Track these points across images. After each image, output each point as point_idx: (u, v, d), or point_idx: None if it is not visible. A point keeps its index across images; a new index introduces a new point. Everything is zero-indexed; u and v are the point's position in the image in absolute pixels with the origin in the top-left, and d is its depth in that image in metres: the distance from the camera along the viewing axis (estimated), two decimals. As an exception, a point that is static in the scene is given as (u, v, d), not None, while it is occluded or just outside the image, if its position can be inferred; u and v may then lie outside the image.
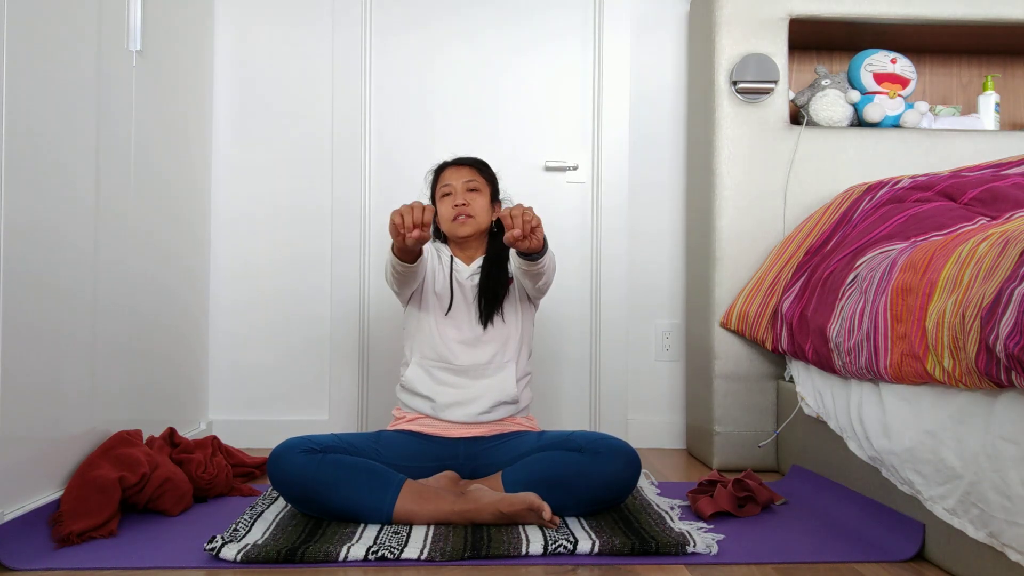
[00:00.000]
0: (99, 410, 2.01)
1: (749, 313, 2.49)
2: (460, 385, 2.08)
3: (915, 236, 2.07)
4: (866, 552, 1.67)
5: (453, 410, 2.06)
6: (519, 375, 2.12)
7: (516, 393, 2.09)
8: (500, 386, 2.08)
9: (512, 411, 2.11)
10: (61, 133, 1.83)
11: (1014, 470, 1.34)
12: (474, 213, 2.14)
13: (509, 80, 2.96)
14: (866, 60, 2.76)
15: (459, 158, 2.25)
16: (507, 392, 2.08)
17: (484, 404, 2.06)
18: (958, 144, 2.66)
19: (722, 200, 2.61)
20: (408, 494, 1.82)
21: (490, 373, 2.09)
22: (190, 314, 2.70)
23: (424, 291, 2.16)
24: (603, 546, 1.64)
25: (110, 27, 2.07)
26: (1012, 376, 1.31)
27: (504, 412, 2.09)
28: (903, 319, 1.68)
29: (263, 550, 1.59)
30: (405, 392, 2.13)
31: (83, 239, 1.94)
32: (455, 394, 2.07)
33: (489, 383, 2.08)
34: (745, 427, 2.58)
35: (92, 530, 1.70)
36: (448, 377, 2.09)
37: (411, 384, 2.10)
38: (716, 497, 1.93)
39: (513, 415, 2.12)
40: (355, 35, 2.91)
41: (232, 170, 2.90)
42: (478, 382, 2.08)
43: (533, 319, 2.23)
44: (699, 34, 2.80)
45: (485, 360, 2.09)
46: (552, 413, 2.92)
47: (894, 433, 1.74)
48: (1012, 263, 1.37)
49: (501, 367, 2.10)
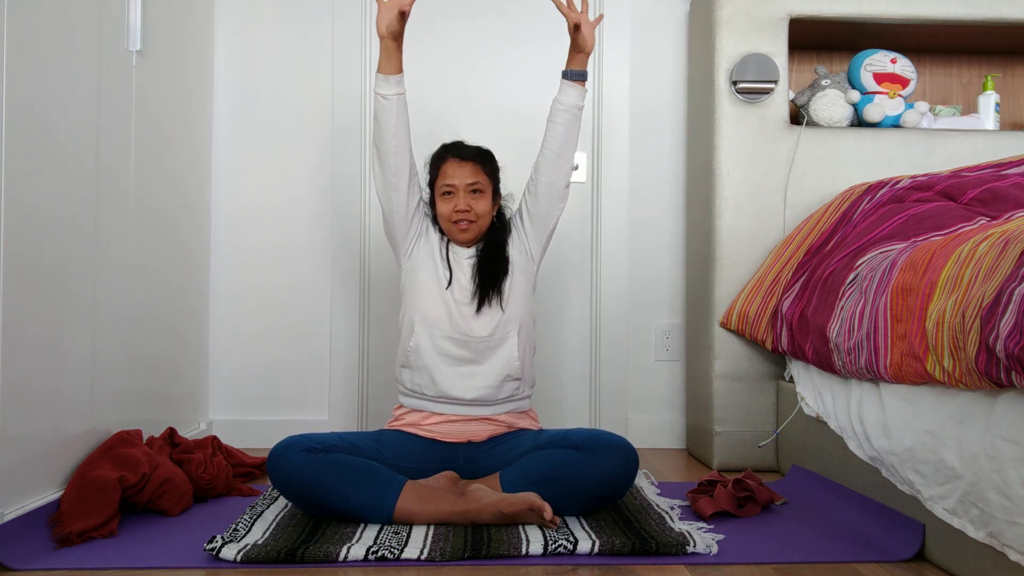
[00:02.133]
0: (99, 410, 2.01)
1: (749, 313, 2.49)
2: (461, 358, 2.04)
3: (915, 236, 2.07)
4: (866, 552, 1.67)
5: (454, 383, 2.03)
6: (521, 349, 2.09)
7: (520, 367, 2.07)
8: (505, 358, 2.05)
9: (516, 388, 2.09)
10: (61, 133, 1.83)
11: (1014, 470, 1.34)
12: (477, 218, 2.10)
13: (509, 81, 2.96)
14: (866, 60, 2.76)
15: (462, 148, 2.16)
16: (511, 366, 2.06)
17: (488, 379, 2.04)
18: (958, 144, 2.66)
19: (722, 200, 2.61)
20: (409, 494, 1.82)
21: (493, 345, 2.06)
22: (190, 314, 2.70)
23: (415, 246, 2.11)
24: (603, 546, 1.64)
25: (110, 27, 2.07)
26: (1012, 376, 1.31)
27: (510, 388, 2.07)
28: (903, 319, 1.68)
29: (263, 550, 1.59)
30: (407, 369, 2.09)
31: (83, 239, 1.94)
32: (457, 367, 2.04)
33: (491, 355, 2.05)
34: (745, 427, 2.58)
35: (92, 530, 1.69)
36: (451, 348, 2.04)
37: (415, 354, 2.05)
38: (716, 497, 1.93)
39: (517, 395, 2.10)
40: (355, 34, 2.90)
41: (232, 170, 2.90)
42: (479, 355, 2.05)
43: (532, 297, 2.18)
44: (699, 34, 2.80)
45: (486, 333, 2.05)
46: (552, 413, 2.92)
47: (894, 433, 1.74)
48: (1012, 263, 1.37)
49: (503, 339, 2.06)
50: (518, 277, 2.13)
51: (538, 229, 2.17)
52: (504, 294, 2.09)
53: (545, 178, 2.12)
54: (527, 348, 2.12)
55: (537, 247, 2.18)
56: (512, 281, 2.11)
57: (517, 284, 2.12)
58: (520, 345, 2.09)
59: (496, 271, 2.10)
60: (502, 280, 2.10)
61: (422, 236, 2.15)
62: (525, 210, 2.17)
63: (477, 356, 2.06)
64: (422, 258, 2.12)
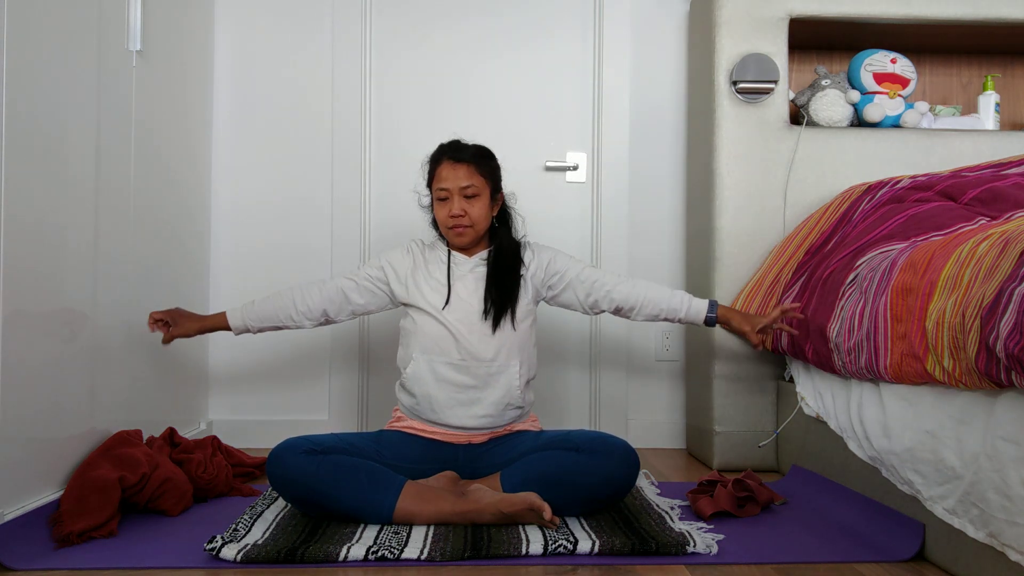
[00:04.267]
0: (99, 410, 2.01)
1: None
2: (462, 384, 2.02)
3: (915, 236, 2.07)
4: (866, 552, 1.67)
5: (455, 411, 2.02)
6: (523, 376, 2.07)
7: (520, 395, 2.05)
8: (505, 387, 2.03)
9: (517, 416, 2.08)
10: (61, 133, 1.83)
11: (1014, 470, 1.34)
12: (472, 222, 2.06)
13: (509, 81, 2.96)
14: (866, 60, 2.76)
15: (458, 149, 2.09)
16: (512, 394, 2.04)
17: (487, 407, 2.02)
18: (958, 144, 2.66)
19: (722, 200, 2.61)
20: (409, 495, 1.81)
21: (494, 371, 2.03)
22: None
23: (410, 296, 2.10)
24: (603, 546, 1.64)
25: (110, 27, 2.07)
26: (1012, 376, 1.31)
27: (511, 416, 2.06)
28: (903, 319, 1.68)
29: (263, 550, 1.59)
30: (404, 392, 2.08)
31: (83, 239, 1.94)
32: (456, 395, 2.02)
33: (492, 382, 2.03)
34: (745, 427, 2.58)
35: (92, 530, 1.70)
36: (450, 373, 2.02)
37: (412, 380, 2.04)
38: (716, 497, 1.93)
39: (517, 420, 2.09)
40: (355, 34, 2.90)
41: (232, 169, 2.90)
42: (480, 381, 2.02)
43: (536, 319, 2.17)
44: (699, 34, 2.80)
45: (489, 356, 2.03)
46: (552, 413, 2.92)
47: (894, 433, 1.74)
48: (1012, 263, 1.37)
49: (505, 367, 2.04)
50: (523, 299, 2.11)
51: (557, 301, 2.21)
52: (516, 311, 2.07)
53: (600, 307, 2.19)
54: (528, 375, 2.10)
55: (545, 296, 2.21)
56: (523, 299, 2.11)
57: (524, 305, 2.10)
58: (522, 373, 2.06)
59: (508, 283, 2.07)
60: (516, 293, 2.08)
61: (396, 287, 2.13)
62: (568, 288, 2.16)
63: (479, 382, 2.03)
64: (410, 296, 2.11)
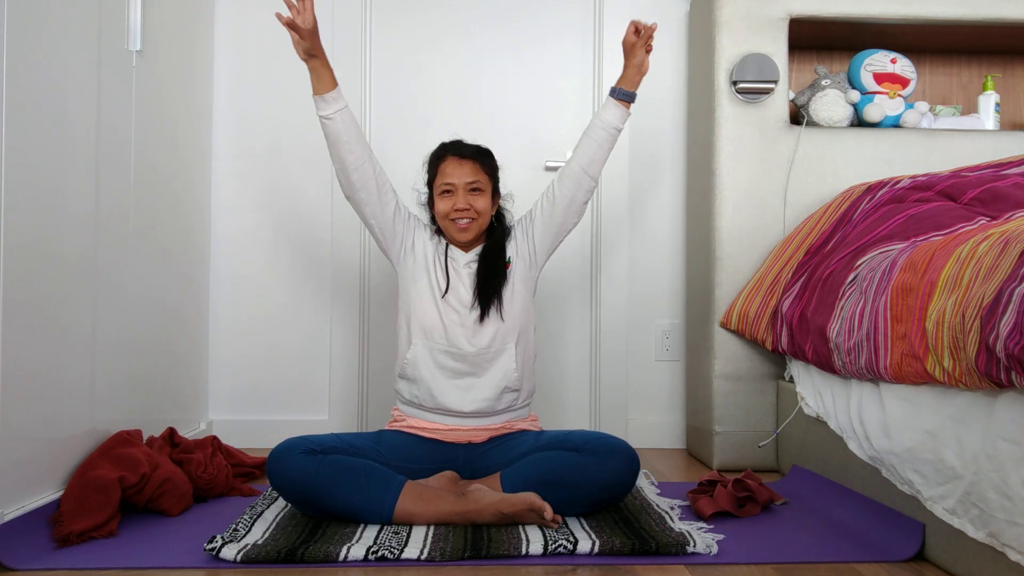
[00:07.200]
0: (99, 410, 2.01)
1: (749, 313, 2.49)
2: (458, 371, 2.04)
3: (915, 236, 2.07)
4: (866, 552, 1.67)
5: (453, 395, 2.03)
6: (520, 360, 2.08)
7: (518, 378, 2.06)
8: (502, 370, 2.05)
9: (514, 399, 2.09)
10: (61, 133, 1.83)
11: (1014, 470, 1.34)
12: (477, 215, 2.08)
13: (509, 81, 2.96)
14: (866, 60, 2.76)
15: (461, 146, 2.14)
16: (509, 377, 2.05)
17: (484, 390, 2.04)
18: (958, 144, 2.66)
19: (722, 200, 2.61)
20: (408, 495, 1.81)
21: (490, 357, 2.05)
22: (190, 313, 2.70)
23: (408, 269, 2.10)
24: (603, 546, 1.64)
25: (110, 27, 2.07)
26: (1012, 376, 1.31)
27: (509, 400, 2.07)
28: (903, 319, 1.68)
29: (263, 550, 1.59)
30: (404, 380, 2.09)
31: (83, 239, 1.94)
32: (455, 380, 2.03)
33: (489, 367, 2.05)
34: (745, 427, 2.58)
35: (92, 530, 1.70)
36: (449, 361, 2.04)
37: (412, 367, 2.05)
38: (716, 497, 1.93)
39: (516, 405, 2.09)
40: (355, 35, 2.91)
41: (232, 170, 2.90)
42: (477, 368, 2.04)
43: (532, 303, 2.17)
44: (699, 34, 2.80)
45: (484, 344, 2.05)
46: (552, 413, 2.92)
47: (894, 433, 1.74)
48: (1012, 263, 1.37)
49: (500, 351, 2.06)
50: (518, 284, 2.12)
51: (549, 237, 2.16)
52: (504, 303, 2.08)
53: (567, 191, 2.11)
54: (526, 358, 2.11)
55: (543, 254, 2.18)
56: (512, 289, 2.10)
57: (518, 292, 2.11)
58: (518, 356, 2.08)
59: (496, 279, 2.08)
60: (501, 288, 2.08)
61: (411, 242, 2.13)
62: (540, 216, 2.15)
63: (475, 368, 2.05)
64: (416, 266, 2.11)
